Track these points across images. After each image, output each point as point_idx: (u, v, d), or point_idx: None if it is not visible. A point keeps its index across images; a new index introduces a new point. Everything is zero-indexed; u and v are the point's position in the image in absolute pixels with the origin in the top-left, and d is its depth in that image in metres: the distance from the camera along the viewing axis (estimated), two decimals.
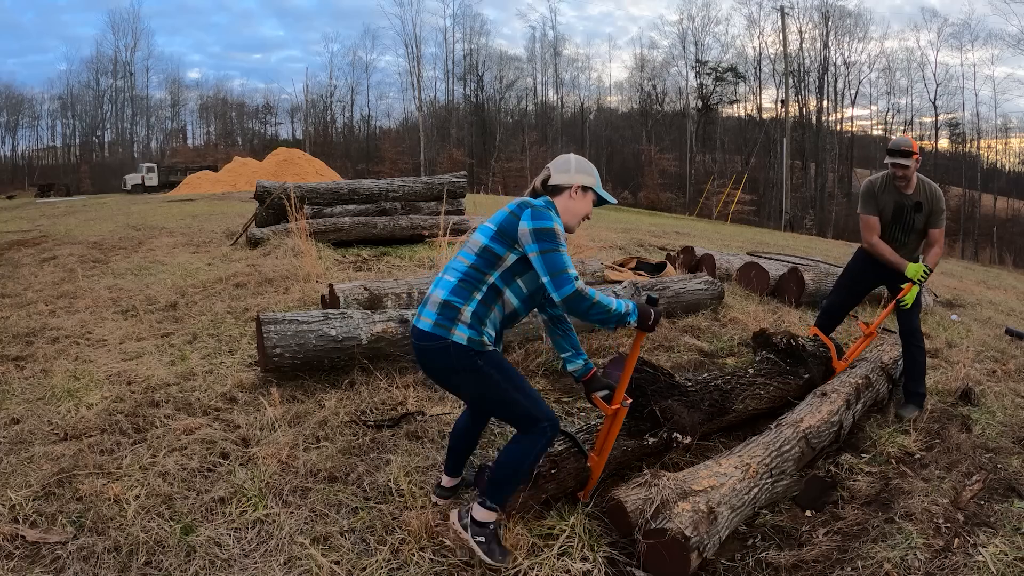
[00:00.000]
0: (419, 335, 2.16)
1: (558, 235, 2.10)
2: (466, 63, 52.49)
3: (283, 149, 33.99)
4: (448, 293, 2.13)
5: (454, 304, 2.11)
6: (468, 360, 2.11)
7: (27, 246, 9.15)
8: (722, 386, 3.24)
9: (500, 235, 2.14)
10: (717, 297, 5.97)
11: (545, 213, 2.12)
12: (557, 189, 2.27)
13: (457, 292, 2.13)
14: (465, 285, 2.13)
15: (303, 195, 8.49)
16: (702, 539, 2.17)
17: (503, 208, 2.21)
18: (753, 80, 47.65)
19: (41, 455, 2.78)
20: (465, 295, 2.12)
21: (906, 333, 3.84)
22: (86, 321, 5.05)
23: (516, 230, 2.12)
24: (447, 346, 2.10)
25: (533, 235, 2.08)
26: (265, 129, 58.43)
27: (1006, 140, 44.22)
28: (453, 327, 2.10)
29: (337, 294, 4.52)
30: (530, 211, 2.12)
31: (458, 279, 2.15)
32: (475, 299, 2.12)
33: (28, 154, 52.66)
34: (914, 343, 3.81)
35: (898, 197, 3.76)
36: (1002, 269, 23.98)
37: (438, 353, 2.12)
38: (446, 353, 2.10)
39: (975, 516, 2.61)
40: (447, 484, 2.53)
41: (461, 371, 2.12)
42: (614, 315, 2.12)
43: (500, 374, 2.14)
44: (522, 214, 2.12)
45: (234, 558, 2.15)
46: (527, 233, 2.09)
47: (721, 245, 12.78)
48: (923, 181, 3.74)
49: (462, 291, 2.13)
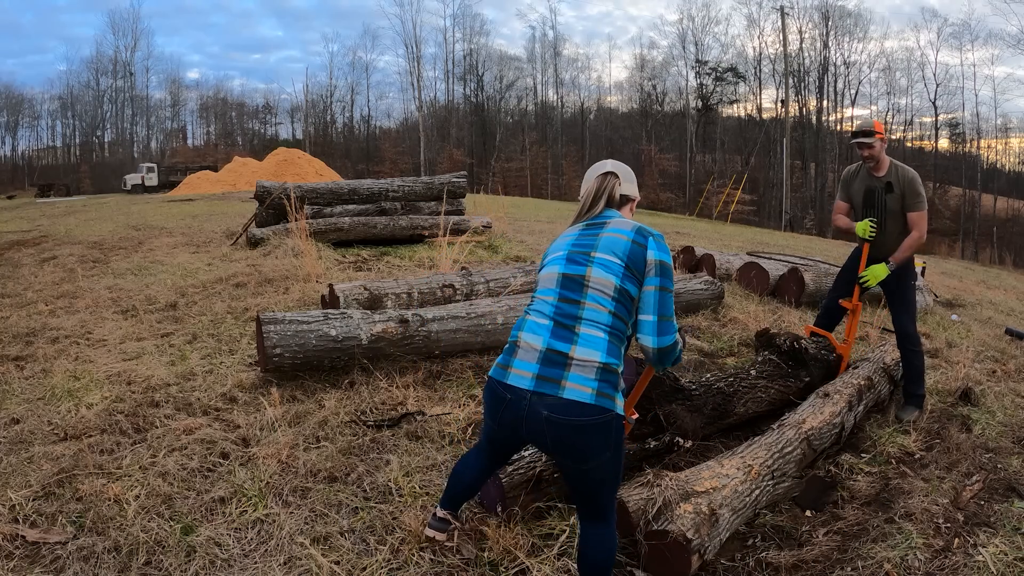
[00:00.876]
0: (568, 408, 1.69)
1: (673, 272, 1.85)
2: (466, 63, 52.53)
3: (283, 149, 33.98)
4: (606, 355, 1.74)
5: (614, 368, 1.74)
6: (620, 436, 1.75)
7: (27, 246, 9.14)
8: (725, 389, 3.24)
9: (631, 270, 1.80)
10: (717, 297, 5.96)
11: (666, 245, 1.87)
12: (625, 200, 2.02)
13: (613, 352, 1.75)
14: (616, 341, 1.78)
15: (303, 195, 8.49)
16: (703, 541, 2.17)
17: (612, 234, 1.87)
18: (753, 80, 47.68)
19: (41, 455, 2.78)
20: (618, 353, 1.77)
21: (901, 338, 3.83)
22: (86, 321, 5.05)
23: (644, 261, 1.82)
24: (611, 420, 1.72)
25: (659, 268, 1.81)
26: (265, 129, 58.47)
27: (1006, 140, 44.25)
28: (616, 396, 1.74)
29: (337, 294, 4.51)
30: (654, 240, 1.84)
31: (608, 334, 1.76)
32: (608, 353, 1.75)
33: (28, 154, 52.67)
34: (909, 347, 3.79)
35: (869, 181, 3.77)
36: (1002, 269, 23.97)
37: (597, 430, 1.70)
38: (607, 430, 1.71)
39: (975, 516, 2.61)
40: (442, 516, 2.16)
41: (612, 450, 1.74)
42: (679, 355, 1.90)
43: (622, 454, 1.80)
44: (647, 242, 1.83)
45: (234, 558, 2.15)
46: (654, 265, 1.81)
47: (721, 245, 12.77)
48: (896, 165, 3.74)
49: (616, 349, 1.77)
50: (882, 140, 3.68)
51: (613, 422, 1.72)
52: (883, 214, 3.74)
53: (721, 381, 3.29)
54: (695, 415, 2.95)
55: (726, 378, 3.35)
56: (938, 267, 15.48)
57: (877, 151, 3.69)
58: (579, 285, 1.82)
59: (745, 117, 48.74)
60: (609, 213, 1.97)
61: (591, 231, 1.92)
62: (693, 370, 4.38)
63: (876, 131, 3.68)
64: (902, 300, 3.82)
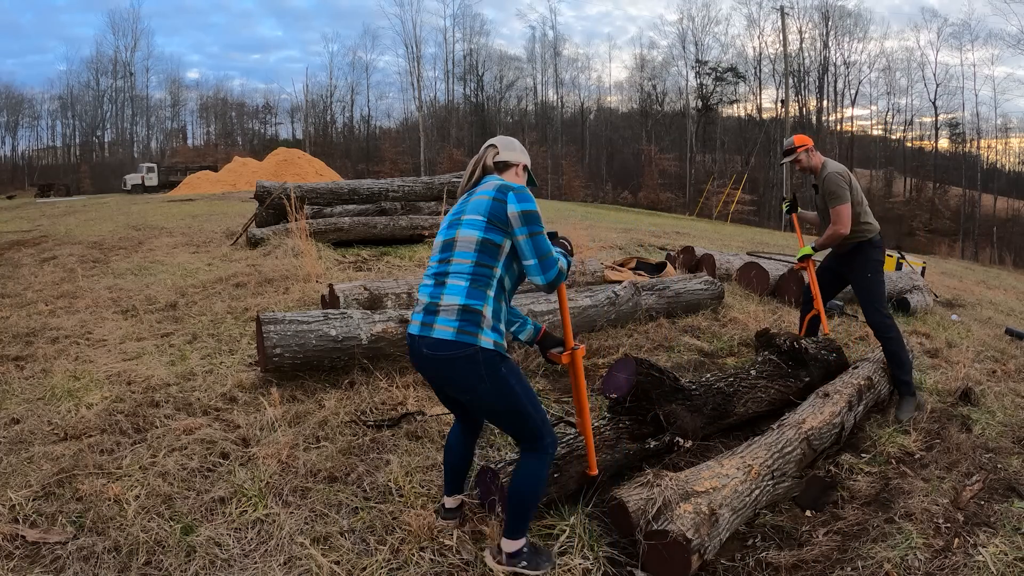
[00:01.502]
0: (436, 345, 2.01)
1: (539, 217, 2.09)
2: (466, 63, 52.56)
3: (283, 149, 33.96)
4: (465, 297, 2.02)
5: (474, 307, 2.01)
6: (494, 367, 2.02)
7: (27, 246, 9.14)
8: (725, 389, 3.24)
9: (493, 223, 2.06)
10: (717, 297, 5.97)
11: (528, 195, 2.11)
12: (505, 166, 2.29)
13: (474, 295, 2.03)
14: (479, 285, 2.04)
15: (303, 195, 8.49)
16: (703, 541, 2.17)
17: (479, 196, 2.13)
18: (753, 80, 47.71)
19: (41, 455, 2.78)
20: (481, 295, 2.04)
21: (873, 328, 3.96)
22: (86, 321, 5.05)
23: (506, 214, 2.06)
24: (475, 353, 1.99)
25: (522, 218, 2.06)
26: (265, 129, 58.46)
27: (1006, 140, 44.26)
28: (479, 332, 2.00)
29: (337, 294, 4.51)
30: (514, 194, 2.08)
31: (469, 280, 2.04)
32: (490, 297, 2.05)
33: (28, 154, 52.67)
34: (884, 334, 3.90)
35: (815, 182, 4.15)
36: (1002, 269, 23.98)
37: (464, 363, 1.99)
38: (473, 362, 1.99)
39: (975, 516, 2.61)
40: (451, 505, 2.39)
41: (487, 380, 2.01)
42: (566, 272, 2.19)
43: (519, 384, 2.08)
44: (507, 197, 2.07)
45: (234, 558, 2.15)
46: (516, 216, 2.05)
47: (721, 245, 12.78)
48: (824, 166, 4.05)
49: (478, 292, 2.03)
50: (807, 150, 4.10)
51: (479, 355, 2.00)
52: (823, 214, 4.12)
53: (721, 381, 3.29)
54: (695, 415, 2.95)
55: (726, 378, 3.35)
56: (938, 267, 15.48)
57: (805, 162, 4.11)
58: (450, 246, 2.12)
59: (745, 117, 48.78)
60: (485, 179, 2.23)
61: (466, 198, 2.20)
62: (693, 370, 4.39)
63: (797, 145, 4.11)
64: (866, 292, 3.99)
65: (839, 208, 3.90)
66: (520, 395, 2.07)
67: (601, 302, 5.04)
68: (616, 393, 2.78)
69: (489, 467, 2.41)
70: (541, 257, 2.07)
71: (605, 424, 2.83)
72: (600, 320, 5.01)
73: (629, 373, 2.76)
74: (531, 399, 2.11)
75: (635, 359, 2.78)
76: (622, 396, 2.77)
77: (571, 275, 6.06)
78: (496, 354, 2.03)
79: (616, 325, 5.11)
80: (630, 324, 5.20)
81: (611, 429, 2.81)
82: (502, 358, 2.05)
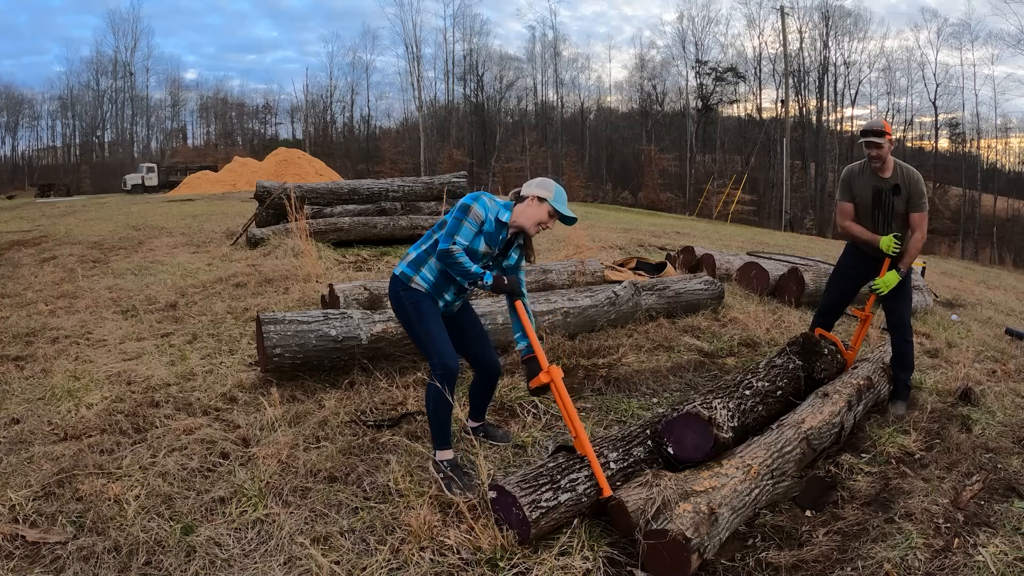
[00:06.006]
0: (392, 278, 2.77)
1: (469, 211, 2.63)
2: (466, 63, 52.43)
3: (283, 149, 33.95)
4: (414, 251, 2.77)
5: (408, 252, 2.79)
6: (396, 291, 2.72)
7: (27, 246, 9.14)
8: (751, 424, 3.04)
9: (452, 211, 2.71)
10: (717, 297, 5.97)
11: (474, 195, 2.69)
12: (521, 198, 2.83)
13: (419, 251, 2.75)
14: (425, 248, 2.75)
15: (303, 195, 8.49)
16: (703, 541, 2.17)
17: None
18: (753, 80, 47.62)
19: (41, 455, 2.78)
20: (416, 246, 2.78)
21: (894, 326, 3.88)
22: (86, 321, 5.05)
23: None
24: (392, 279, 2.75)
25: (456, 207, 2.67)
26: (265, 129, 58.32)
27: (1006, 140, 44.19)
28: (410, 274, 2.72)
29: (337, 294, 4.52)
30: (470, 194, 2.70)
31: (419, 246, 2.77)
32: (420, 247, 2.76)
33: (28, 154, 52.58)
34: (903, 337, 3.85)
35: (875, 181, 3.74)
36: (1002, 269, 23.97)
37: (393, 289, 2.74)
38: (392, 285, 2.75)
39: (975, 516, 2.61)
40: (471, 425, 3.12)
41: (395, 302, 2.72)
42: (470, 275, 2.61)
43: (415, 311, 2.68)
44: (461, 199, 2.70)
45: (234, 558, 2.15)
46: (455, 205, 2.69)
47: (721, 245, 12.77)
48: (900, 165, 3.72)
49: (416, 245, 2.79)
50: (890, 141, 3.67)
51: (391, 280, 2.76)
52: (890, 216, 3.74)
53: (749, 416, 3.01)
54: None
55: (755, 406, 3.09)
56: (938, 267, 15.48)
57: (885, 152, 3.66)
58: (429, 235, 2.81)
59: (745, 117, 48.71)
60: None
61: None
62: (693, 370, 4.39)
63: (885, 131, 3.66)
64: (907, 294, 3.87)
65: (924, 215, 3.67)
66: (413, 319, 2.69)
67: (601, 302, 5.04)
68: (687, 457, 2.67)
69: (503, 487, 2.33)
70: (446, 234, 2.63)
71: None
72: (600, 320, 5.01)
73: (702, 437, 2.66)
74: (426, 326, 2.65)
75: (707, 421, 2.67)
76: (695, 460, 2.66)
77: (571, 275, 6.06)
78: (399, 280, 2.72)
79: (616, 325, 5.12)
80: (630, 324, 5.20)
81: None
82: (403, 285, 2.70)
